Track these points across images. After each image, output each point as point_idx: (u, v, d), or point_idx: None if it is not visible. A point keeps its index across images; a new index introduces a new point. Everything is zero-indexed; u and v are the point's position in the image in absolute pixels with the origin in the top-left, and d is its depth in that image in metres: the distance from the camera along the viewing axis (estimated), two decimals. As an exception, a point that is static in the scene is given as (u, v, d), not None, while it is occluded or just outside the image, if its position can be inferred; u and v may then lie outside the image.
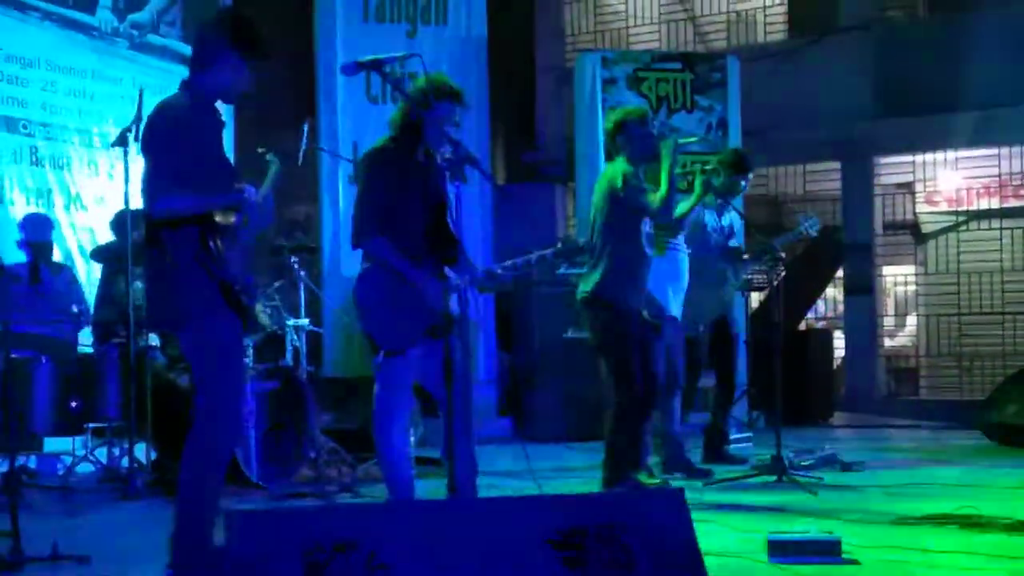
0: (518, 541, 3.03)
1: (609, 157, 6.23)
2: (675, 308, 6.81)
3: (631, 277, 5.99)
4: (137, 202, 5.26)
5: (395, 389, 4.67)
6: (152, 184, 3.91)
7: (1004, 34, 11.06)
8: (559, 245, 5.07)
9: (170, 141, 3.94)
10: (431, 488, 6.04)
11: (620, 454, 5.95)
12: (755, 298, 10.73)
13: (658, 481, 6.19)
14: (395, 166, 4.69)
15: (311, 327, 7.26)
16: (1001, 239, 12.35)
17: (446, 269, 4.76)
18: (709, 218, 7.37)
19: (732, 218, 7.55)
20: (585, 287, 6.01)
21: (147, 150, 4.02)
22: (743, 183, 7.43)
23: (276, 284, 7.12)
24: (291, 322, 7.01)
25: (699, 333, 7.32)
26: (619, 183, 5.91)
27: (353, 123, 9.02)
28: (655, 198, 5.88)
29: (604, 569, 3.01)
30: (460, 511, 3.33)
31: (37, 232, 7.05)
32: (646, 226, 5.98)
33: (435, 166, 4.80)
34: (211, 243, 3.90)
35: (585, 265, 6.10)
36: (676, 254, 6.91)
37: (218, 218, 3.95)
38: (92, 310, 7.21)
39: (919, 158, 12.38)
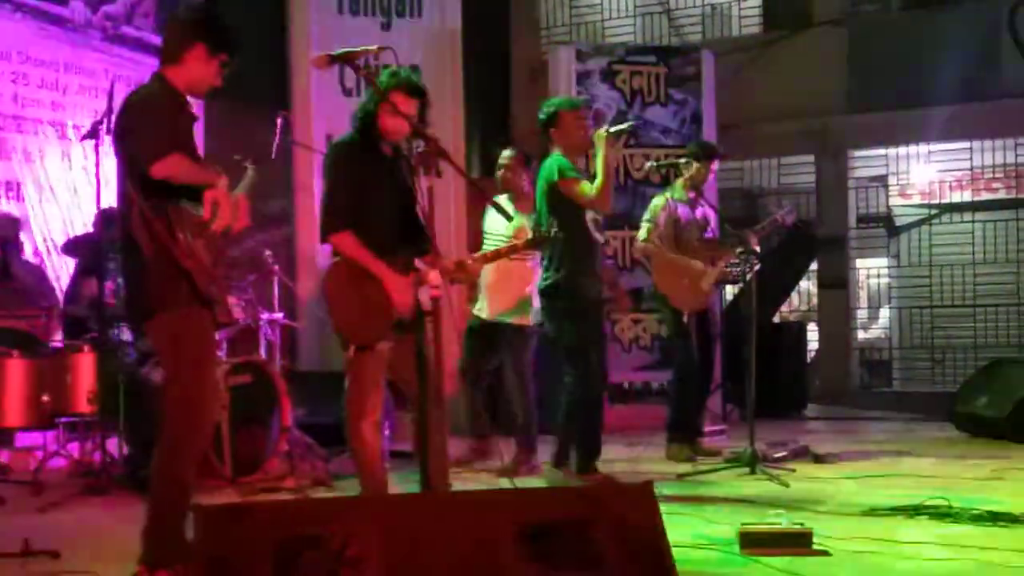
0: (489, 534, 3.03)
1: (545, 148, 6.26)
2: (534, 315, 6.88)
3: (583, 266, 6.08)
4: (109, 195, 5.25)
5: (366, 384, 4.66)
6: (148, 145, 3.86)
7: (976, 28, 11.13)
8: (530, 235, 5.10)
9: (155, 111, 3.94)
10: (404, 482, 6.05)
11: (584, 446, 5.98)
12: (729, 291, 10.78)
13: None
14: (361, 160, 4.69)
15: (285, 321, 7.25)
16: (973, 232, 12.46)
17: (417, 261, 4.77)
18: (682, 211, 7.41)
19: (706, 211, 7.59)
20: (544, 280, 6.13)
21: (131, 123, 3.99)
22: (708, 172, 7.48)
23: (250, 278, 7.10)
24: (265, 316, 7.00)
25: (684, 323, 7.35)
26: (555, 176, 6.00)
27: (327, 116, 9.00)
28: (592, 187, 5.95)
29: (574, 562, 3.02)
30: (431, 505, 3.33)
31: (5, 227, 7.01)
32: (589, 213, 6.05)
33: (402, 158, 4.81)
34: (180, 234, 3.89)
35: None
36: (527, 264, 6.94)
37: (186, 205, 3.94)
38: (63, 304, 7.18)
39: (892, 151, 12.46)
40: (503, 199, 6.81)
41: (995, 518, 5.00)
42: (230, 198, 4.06)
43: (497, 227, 6.78)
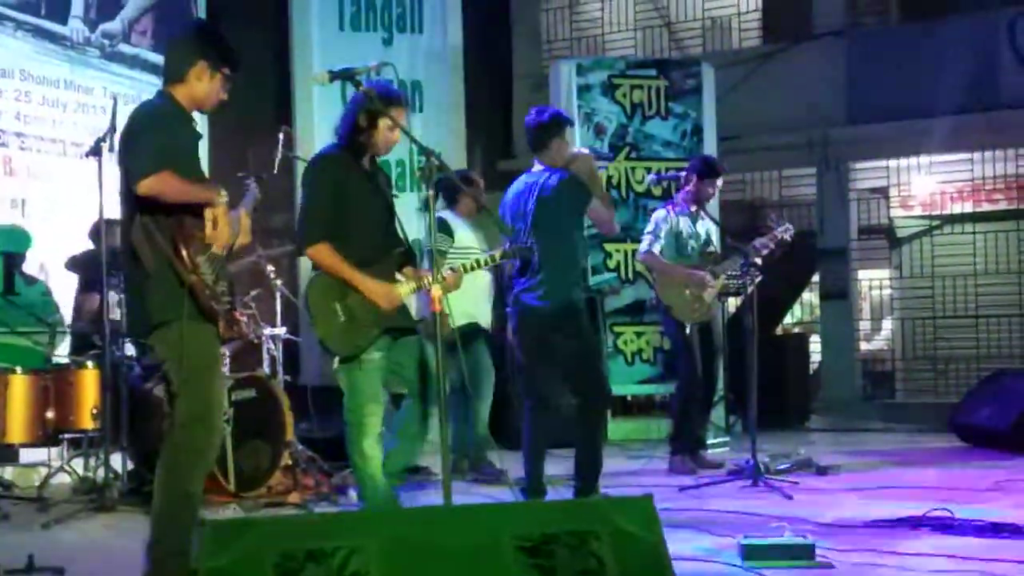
0: (489, 547, 3.04)
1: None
2: (486, 320, 7.15)
3: (579, 281, 5.94)
4: (112, 211, 5.28)
5: (363, 397, 4.68)
6: (138, 161, 3.90)
7: (976, 39, 11.16)
8: (507, 247, 5.13)
9: (155, 127, 3.97)
10: (408, 495, 6.05)
11: (597, 460, 5.92)
12: (732, 303, 10.80)
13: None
14: (340, 173, 4.74)
15: (288, 335, 7.27)
16: (975, 243, 12.47)
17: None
18: (683, 225, 7.44)
19: (708, 225, 7.62)
20: (567, 292, 5.75)
21: (130, 137, 4.02)
22: (711, 189, 7.52)
23: (253, 293, 7.12)
24: (268, 330, 7.01)
25: (687, 336, 7.36)
26: (581, 188, 5.74)
27: (330, 131, 9.00)
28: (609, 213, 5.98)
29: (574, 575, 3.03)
30: (432, 518, 3.34)
31: (11, 243, 7.04)
32: None
33: (380, 172, 4.89)
34: (183, 248, 3.92)
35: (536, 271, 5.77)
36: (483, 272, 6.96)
37: (189, 221, 3.97)
38: (68, 321, 7.20)
39: (893, 163, 12.46)
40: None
41: (998, 529, 5.00)
42: (231, 215, 4.08)
43: (466, 240, 7.01)
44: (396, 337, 4.73)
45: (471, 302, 6.91)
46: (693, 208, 7.50)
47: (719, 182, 7.60)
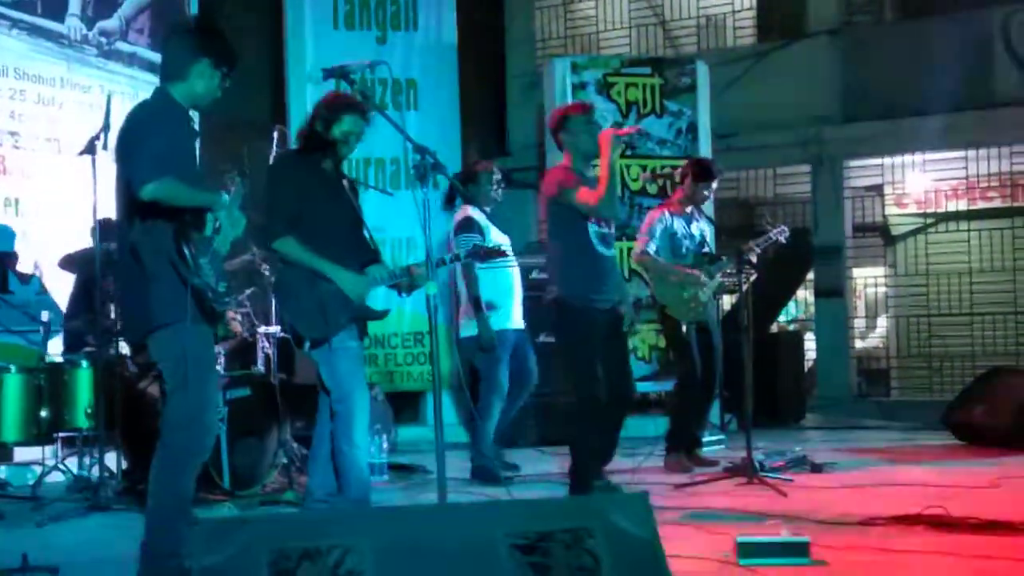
0: (484, 546, 3.04)
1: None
2: (516, 320, 7.15)
3: (586, 276, 5.86)
4: (107, 210, 5.26)
5: (349, 384, 4.72)
6: (140, 167, 3.90)
7: (970, 37, 11.17)
8: (473, 246, 5.20)
9: (155, 129, 3.98)
10: (404, 493, 6.05)
11: (583, 458, 5.91)
12: (727, 301, 10.81)
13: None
14: (301, 172, 4.86)
15: (282, 334, 7.25)
16: (969, 241, 12.47)
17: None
18: (678, 225, 7.43)
19: (703, 225, 7.61)
20: (550, 289, 5.93)
21: (130, 140, 4.03)
22: (706, 192, 7.52)
23: (247, 291, 7.11)
24: (262, 329, 7.01)
25: (684, 334, 7.36)
26: (555, 186, 5.80)
27: (324, 129, 9.00)
28: (594, 195, 5.78)
29: (569, 573, 3.02)
30: (427, 517, 3.34)
31: (2, 242, 7.03)
32: (596, 225, 5.87)
33: (345, 178, 5.01)
34: (185, 249, 3.92)
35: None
36: (507, 270, 7.06)
37: (190, 221, 3.97)
38: (62, 319, 7.19)
39: (888, 161, 12.47)
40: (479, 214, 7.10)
41: (993, 527, 5.01)
42: (231, 216, 4.09)
43: (498, 237, 7.05)
44: (363, 331, 4.85)
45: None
46: (688, 209, 7.50)
47: (714, 185, 7.59)
